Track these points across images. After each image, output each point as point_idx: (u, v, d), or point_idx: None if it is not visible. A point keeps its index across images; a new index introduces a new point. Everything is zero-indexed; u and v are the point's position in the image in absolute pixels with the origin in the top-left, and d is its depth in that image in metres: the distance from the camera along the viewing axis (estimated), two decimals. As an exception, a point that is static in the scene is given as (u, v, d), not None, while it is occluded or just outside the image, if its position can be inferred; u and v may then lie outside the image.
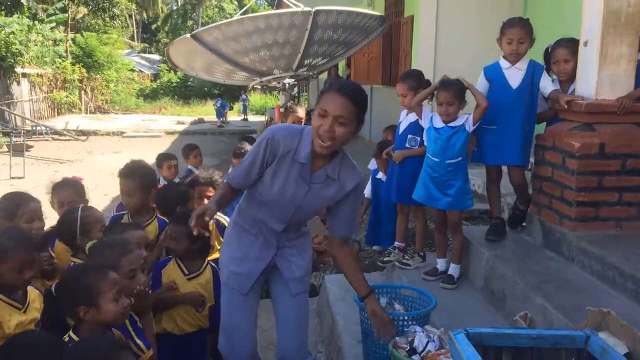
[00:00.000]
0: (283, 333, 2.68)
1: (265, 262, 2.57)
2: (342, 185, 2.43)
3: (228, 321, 2.61)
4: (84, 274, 2.09)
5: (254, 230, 2.57)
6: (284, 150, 2.36)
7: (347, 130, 2.24)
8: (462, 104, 3.42)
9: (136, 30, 45.05)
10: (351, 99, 2.22)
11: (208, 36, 5.51)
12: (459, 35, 7.34)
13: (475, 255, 3.63)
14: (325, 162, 2.39)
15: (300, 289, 2.64)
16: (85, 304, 2.00)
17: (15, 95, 21.46)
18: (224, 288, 2.63)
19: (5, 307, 2.21)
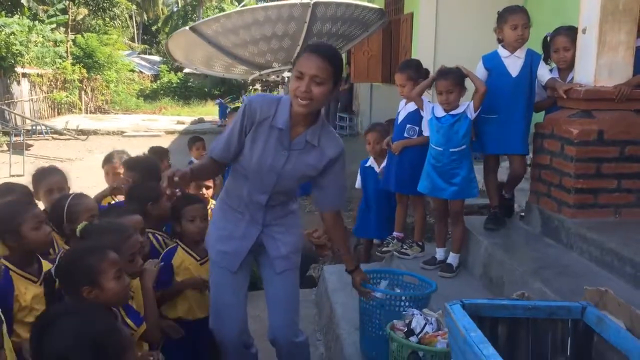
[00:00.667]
0: (271, 312, 2.67)
1: (252, 240, 2.55)
2: (322, 153, 2.42)
3: (217, 299, 2.62)
4: (85, 254, 2.08)
5: (240, 208, 2.55)
6: (261, 116, 2.37)
7: (323, 89, 2.26)
8: (461, 91, 3.42)
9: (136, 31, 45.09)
10: (326, 59, 2.25)
11: (207, 29, 5.51)
12: (459, 32, 7.34)
13: (474, 244, 3.62)
14: (305, 128, 2.39)
15: (285, 266, 2.60)
16: (88, 284, 1.99)
17: (16, 95, 21.49)
18: (213, 267, 2.64)
19: (21, 280, 2.27)
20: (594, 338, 1.68)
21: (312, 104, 2.28)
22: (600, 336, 1.64)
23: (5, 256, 2.32)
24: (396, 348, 2.40)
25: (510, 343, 1.69)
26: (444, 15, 7.57)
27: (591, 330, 1.67)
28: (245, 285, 2.67)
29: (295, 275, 2.69)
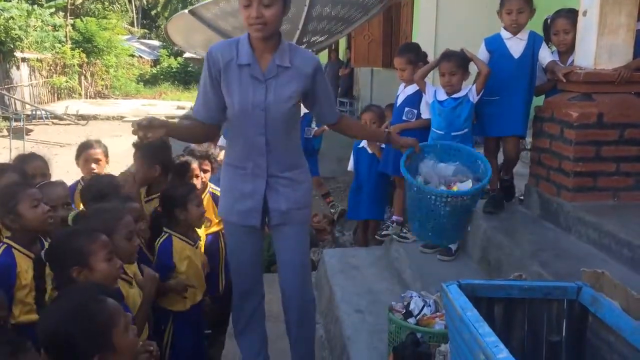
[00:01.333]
0: (279, 273, 2.70)
1: (260, 194, 2.51)
2: (299, 72, 2.41)
3: (235, 259, 2.66)
4: (74, 236, 2.12)
5: (242, 162, 2.52)
6: (224, 59, 2.36)
7: (274, 10, 2.26)
8: (464, 74, 3.41)
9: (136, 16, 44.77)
10: None
11: (206, 12, 5.48)
12: (460, 17, 7.29)
13: (472, 227, 3.62)
14: (272, 54, 2.38)
15: (279, 220, 2.56)
16: (77, 264, 2.01)
17: (15, 79, 21.44)
18: (230, 229, 2.65)
19: (23, 258, 2.33)
20: (589, 318, 1.70)
21: (267, 27, 2.27)
22: (595, 316, 1.65)
23: (9, 236, 2.39)
24: (394, 329, 2.43)
25: (506, 323, 1.71)
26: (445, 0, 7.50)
27: (586, 310, 1.68)
28: (260, 249, 2.72)
29: (298, 232, 2.62)
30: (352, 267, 3.92)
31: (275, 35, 2.38)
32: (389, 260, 3.97)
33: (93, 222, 2.29)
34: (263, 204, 2.53)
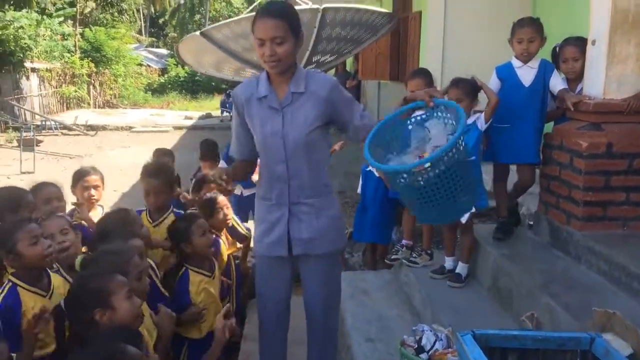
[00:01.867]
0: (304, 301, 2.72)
1: (284, 222, 2.53)
2: (315, 96, 2.44)
3: (261, 290, 2.71)
4: (93, 279, 2.13)
5: (269, 192, 2.57)
6: (246, 95, 2.49)
7: (287, 47, 2.33)
8: (473, 102, 3.43)
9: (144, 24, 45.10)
10: (277, 17, 2.31)
11: (217, 33, 5.55)
12: (468, 31, 7.31)
13: (482, 254, 3.65)
14: (288, 83, 2.45)
15: (302, 250, 2.55)
16: (100, 306, 2.03)
17: (25, 89, 21.61)
18: (260, 261, 2.69)
19: (29, 295, 2.29)
20: (602, 368, 1.72)
21: (281, 63, 2.35)
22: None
23: (14, 272, 2.36)
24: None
25: (519, 372, 1.73)
26: (453, 14, 7.52)
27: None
28: (292, 275, 2.71)
29: (322, 263, 2.61)
30: (362, 291, 3.94)
31: (291, 67, 2.45)
32: (398, 284, 3.99)
33: (103, 266, 2.30)
34: (287, 233, 2.56)
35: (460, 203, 2.28)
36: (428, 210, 2.26)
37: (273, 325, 2.73)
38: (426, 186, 2.15)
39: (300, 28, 2.42)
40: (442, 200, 2.18)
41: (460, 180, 2.17)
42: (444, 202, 2.19)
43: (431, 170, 2.12)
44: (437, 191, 2.16)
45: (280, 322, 2.74)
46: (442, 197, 2.17)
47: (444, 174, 2.12)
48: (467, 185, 2.24)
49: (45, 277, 2.39)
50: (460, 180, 2.17)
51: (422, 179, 2.15)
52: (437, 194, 2.16)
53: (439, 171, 2.12)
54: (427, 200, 2.19)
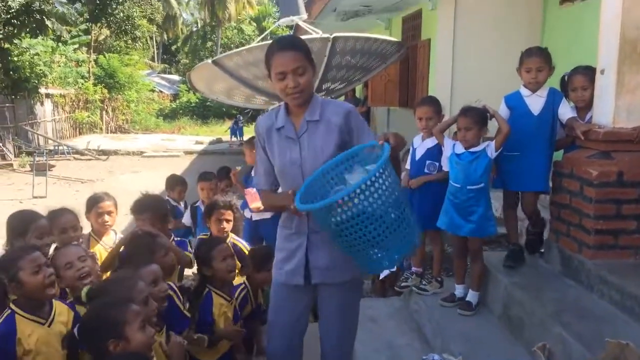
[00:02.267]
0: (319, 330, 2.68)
1: (302, 251, 2.52)
2: (328, 123, 2.45)
3: (273, 320, 2.67)
4: (108, 308, 2.11)
5: (289, 221, 2.57)
6: (266, 127, 2.54)
7: (308, 76, 2.39)
8: (482, 130, 3.44)
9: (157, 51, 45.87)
10: (295, 48, 2.38)
11: (229, 62, 5.63)
12: (476, 59, 7.39)
13: (493, 282, 3.63)
14: (304, 112, 2.47)
15: (321, 278, 2.53)
16: (114, 337, 2.02)
17: (39, 115, 21.93)
18: (276, 288, 2.67)
19: (26, 322, 2.26)
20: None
21: (303, 94, 2.40)
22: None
23: (15, 300, 2.33)
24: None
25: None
26: (461, 41, 7.60)
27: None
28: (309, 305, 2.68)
29: (339, 294, 2.58)
30: (370, 319, 3.92)
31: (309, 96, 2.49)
32: (408, 312, 3.97)
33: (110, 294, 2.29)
34: (305, 262, 2.55)
35: (371, 257, 2.21)
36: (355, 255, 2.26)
37: (286, 355, 2.68)
38: (340, 229, 2.13)
39: (312, 60, 2.45)
40: (352, 246, 2.17)
41: (365, 236, 2.10)
42: (352, 248, 2.18)
43: (341, 210, 2.09)
44: (344, 241, 2.16)
45: (291, 354, 2.69)
46: (350, 242, 2.15)
47: (344, 225, 2.10)
48: (378, 242, 2.14)
49: (47, 305, 2.36)
50: (365, 237, 2.10)
51: (335, 219, 2.12)
52: (347, 239, 2.14)
53: (345, 217, 2.09)
54: (345, 244, 2.19)
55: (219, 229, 3.81)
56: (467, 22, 7.47)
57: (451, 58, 7.63)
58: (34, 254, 2.34)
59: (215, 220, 3.83)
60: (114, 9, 21.65)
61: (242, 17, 41.46)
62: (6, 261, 2.34)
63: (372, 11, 10.06)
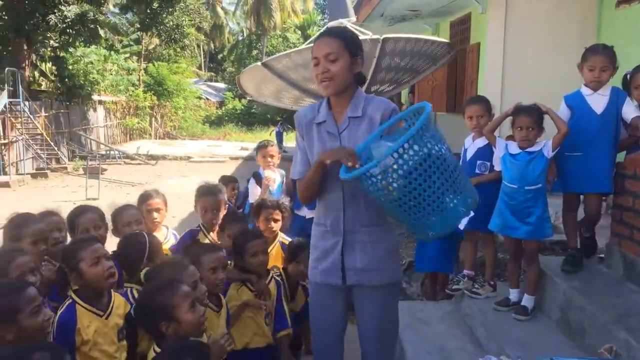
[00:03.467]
0: (358, 333, 2.62)
1: (338, 250, 2.48)
2: (371, 120, 2.37)
3: (315, 321, 2.64)
4: (157, 291, 2.15)
5: (323, 219, 2.52)
6: (307, 120, 2.48)
7: (340, 64, 2.30)
8: (540, 130, 3.35)
9: (203, 59, 46.85)
10: (332, 35, 2.34)
11: (278, 64, 5.68)
12: (527, 63, 7.22)
13: (550, 286, 3.51)
14: (346, 108, 2.41)
15: (356, 280, 2.47)
16: (164, 320, 2.07)
17: (92, 121, 22.73)
18: (312, 287, 2.64)
19: (85, 312, 2.29)
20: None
21: (334, 82, 2.33)
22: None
23: (76, 289, 2.36)
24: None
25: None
26: (512, 45, 7.45)
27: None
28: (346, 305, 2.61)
29: (377, 295, 2.50)
30: (422, 321, 3.85)
31: (348, 89, 2.41)
32: (460, 316, 3.87)
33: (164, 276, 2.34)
34: (341, 262, 2.50)
35: (448, 207, 2.12)
36: (416, 221, 2.16)
37: (325, 355, 2.65)
38: (402, 191, 2.06)
39: (358, 50, 2.38)
40: (425, 205, 2.08)
41: (439, 180, 2.05)
42: (427, 207, 2.08)
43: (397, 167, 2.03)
44: (414, 196, 2.06)
45: (332, 352, 2.65)
46: (422, 202, 2.07)
47: (413, 175, 2.03)
48: (451, 185, 2.10)
49: (106, 296, 2.38)
50: (439, 180, 2.05)
51: (392, 180, 2.05)
52: (416, 200, 2.06)
53: (405, 170, 2.03)
54: (409, 208, 2.09)
55: (267, 227, 3.82)
56: (518, 24, 7.32)
57: (502, 61, 7.48)
58: (95, 245, 2.37)
59: (264, 220, 3.83)
60: (164, 18, 22.24)
61: (288, 25, 41.92)
62: (68, 251, 2.39)
63: (420, 16, 9.98)
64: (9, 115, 16.20)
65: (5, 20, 18.07)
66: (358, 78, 2.45)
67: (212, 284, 2.58)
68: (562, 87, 3.75)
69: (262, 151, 4.94)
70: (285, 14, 41.24)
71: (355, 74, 2.40)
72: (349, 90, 2.41)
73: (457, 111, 8.79)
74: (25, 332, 1.88)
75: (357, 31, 6.48)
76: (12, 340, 1.86)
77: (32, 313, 1.91)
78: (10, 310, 1.87)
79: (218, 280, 2.63)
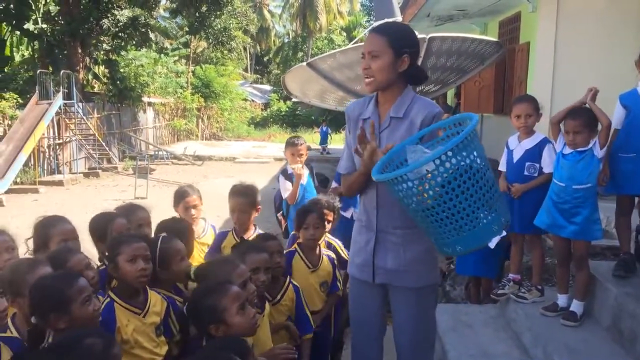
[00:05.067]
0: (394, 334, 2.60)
1: (370, 247, 2.47)
2: (411, 123, 2.32)
3: (354, 316, 2.64)
4: (207, 294, 2.14)
5: (362, 214, 2.53)
6: (354, 114, 2.48)
7: (382, 62, 2.28)
8: (592, 133, 3.23)
9: (249, 62, 47.45)
10: (377, 32, 2.31)
11: (323, 64, 5.68)
12: (579, 62, 6.97)
13: (601, 292, 3.39)
14: (390, 105, 2.38)
15: (385, 279, 2.46)
16: (214, 322, 2.07)
17: (141, 122, 23.35)
18: (351, 282, 2.66)
19: (123, 311, 2.29)
20: None
21: (375, 80, 2.32)
22: None
23: (114, 287, 2.38)
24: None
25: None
26: (564, 44, 7.22)
27: None
28: (382, 303, 2.60)
29: (409, 296, 2.47)
30: (465, 325, 3.78)
31: (394, 87, 2.36)
32: (505, 320, 3.78)
33: (213, 276, 2.34)
34: (372, 260, 2.49)
35: (481, 223, 2.04)
36: (445, 234, 2.09)
37: (364, 350, 2.64)
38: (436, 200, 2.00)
39: (406, 48, 2.30)
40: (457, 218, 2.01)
41: (477, 194, 1.99)
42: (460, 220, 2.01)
43: (435, 175, 1.96)
44: (449, 207, 2.00)
45: (371, 347, 2.63)
46: (456, 214, 2.00)
47: (451, 185, 1.97)
48: (487, 200, 2.03)
49: (143, 295, 2.37)
50: (477, 194, 1.99)
51: (429, 187, 1.99)
52: (450, 211, 2.00)
53: (444, 178, 1.96)
54: (440, 219, 2.03)
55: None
56: (570, 22, 7.08)
57: (552, 61, 7.26)
58: (138, 243, 2.36)
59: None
60: (212, 21, 22.66)
61: (333, 27, 42.01)
62: (114, 242, 2.42)
63: (467, 15, 9.81)
64: (63, 117, 16.80)
65: (61, 25, 18.77)
66: (412, 76, 2.39)
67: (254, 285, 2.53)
68: (616, 88, 3.62)
69: (290, 148, 4.95)
70: (331, 16, 41.32)
71: (403, 72, 2.33)
72: (394, 88, 2.37)
73: (505, 112, 8.60)
74: (76, 321, 1.93)
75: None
76: (64, 328, 1.92)
77: (83, 303, 1.96)
78: (63, 300, 1.93)
79: (259, 282, 2.59)
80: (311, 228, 3.19)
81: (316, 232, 3.21)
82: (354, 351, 2.69)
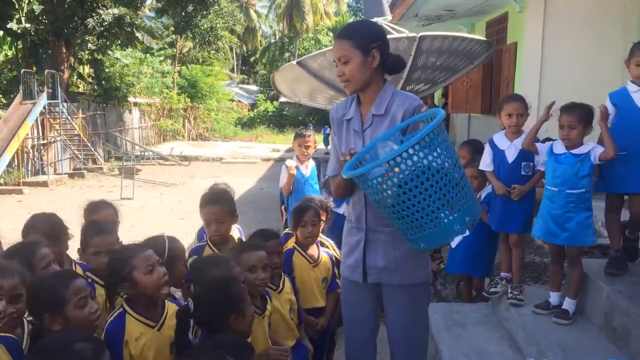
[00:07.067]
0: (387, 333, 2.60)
1: (360, 247, 2.47)
2: (393, 118, 2.33)
3: (346, 316, 2.64)
4: (228, 284, 2.10)
5: (351, 214, 2.54)
6: (338, 116, 2.49)
7: (352, 65, 2.28)
8: (586, 129, 3.22)
9: (236, 62, 47.30)
10: (341, 37, 2.32)
11: (313, 62, 5.65)
12: (566, 63, 7.03)
13: (592, 290, 3.39)
14: (372, 104, 2.38)
15: (377, 278, 2.46)
16: (236, 312, 2.06)
17: (127, 122, 23.16)
18: (343, 282, 2.66)
19: (136, 323, 2.15)
20: None
21: (351, 83, 2.33)
22: None
23: (127, 298, 2.23)
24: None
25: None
26: (551, 45, 7.27)
27: None
28: (376, 303, 2.58)
29: (400, 296, 2.47)
30: (458, 324, 3.77)
31: (372, 85, 2.36)
32: (497, 319, 3.78)
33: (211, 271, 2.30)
34: (363, 260, 2.49)
35: (442, 222, 2.07)
36: (408, 231, 2.13)
37: (357, 351, 2.63)
38: (394, 199, 2.04)
39: (372, 44, 2.28)
40: (417, 217, 2.05)
41: (436, 194, 2.01)
42: (420, 220, 2.05)
43: (390, 176, 2.01)
44: (408, 206, 2.03)
45: (364, 347, 2.62)
46: (415, 213, 2.04)
47: (408, 185, 2.00)
48: (448, 200, 2.05)
49: (160, 307, 2.25)
50: (436, 194, 2.01)
51: (387, 186, 2.03)
52: (409, 210, 2.04)
53: (400, 179, 1.99)
54: (402, 217, 2.07)
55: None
56: (558, 23, 7.13)
57: (540, 61, 7.30)
58: (147, 252, 2.24)
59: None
60: (198, 21, 22.53)
61: (320, 27, 42.01)
62: (120, 260, 2.21)
63: (455, 16, 9.85)
64: (48, 117, 16.60)
65: (45, 24, 18.54)
66: (389, 66, 2.38)
67: (252, 284, 2.49)
68: (603, 88, 3.64)
69: (298, 139, 5.01)
70: (318, 17, 41.34)
71: (377, 66, 2.32)
72: (373, 85, 2.37)
73: (493, 112, 8.63)
74: (71, 323, 1.87)
75: (392, 30, 6.42)
76: (58, 330, 1.86)
77: (79, 304, 1.90)
78: (57, 301, 1.87)
79: (258, 281, 2.54)
80: (309, 225, 3.22)
81: (314, 229, 3.24)
82: (348, 351, 2.68)
